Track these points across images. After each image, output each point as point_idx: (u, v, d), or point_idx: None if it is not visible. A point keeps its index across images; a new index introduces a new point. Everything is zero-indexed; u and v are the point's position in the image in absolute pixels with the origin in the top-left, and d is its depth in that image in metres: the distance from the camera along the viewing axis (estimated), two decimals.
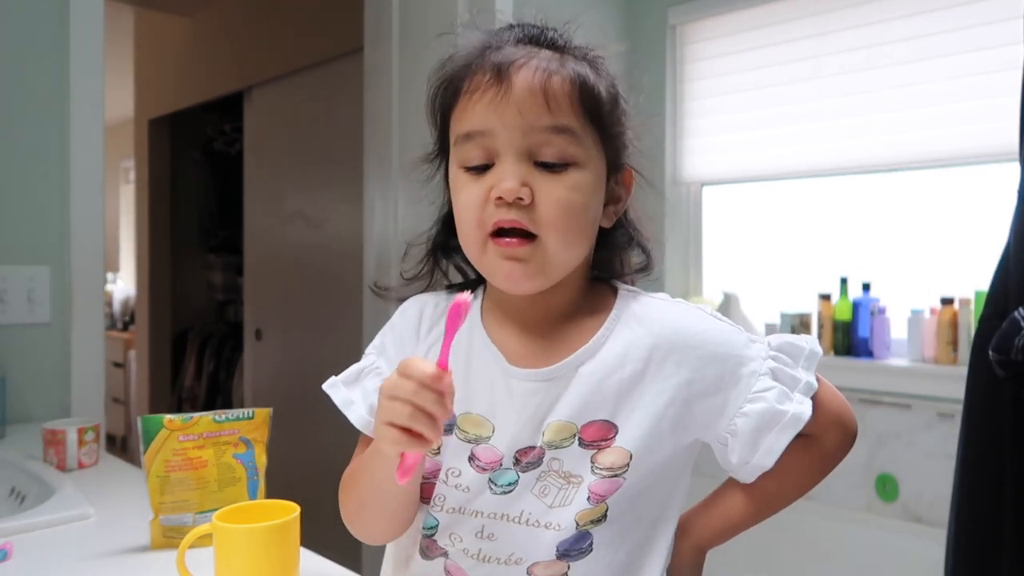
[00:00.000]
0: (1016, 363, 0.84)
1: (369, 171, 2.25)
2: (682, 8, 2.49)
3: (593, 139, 0.69)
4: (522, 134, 0.66)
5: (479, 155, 0.68)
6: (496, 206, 0.66)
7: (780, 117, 2.33)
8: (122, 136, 4.89)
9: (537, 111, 0.65)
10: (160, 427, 0.93)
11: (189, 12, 3.72)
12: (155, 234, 4.17)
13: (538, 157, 0.66)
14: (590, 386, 0.69)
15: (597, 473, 0.68)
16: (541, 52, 0.68)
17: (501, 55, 0.67)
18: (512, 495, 0.69)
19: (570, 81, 0.67)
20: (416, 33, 2.01)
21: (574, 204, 0.67)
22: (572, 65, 0.68)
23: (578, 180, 0.67)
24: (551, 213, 0.66)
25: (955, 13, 2.00)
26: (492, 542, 0.70)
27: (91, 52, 1.68)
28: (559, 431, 0.69)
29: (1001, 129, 1.89)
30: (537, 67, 0.66)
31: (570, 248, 0.68)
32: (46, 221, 1.63)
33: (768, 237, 2.46)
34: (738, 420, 0.69)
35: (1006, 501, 0.88)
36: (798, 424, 0.69)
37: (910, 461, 2.03)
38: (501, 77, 0.66)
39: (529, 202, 0.65)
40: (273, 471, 1.00)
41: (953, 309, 1.97)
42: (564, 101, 0.66)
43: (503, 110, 0.65)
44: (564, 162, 0.67)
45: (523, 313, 0.73)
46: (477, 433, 0.71)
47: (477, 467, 0.71)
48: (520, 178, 0.65)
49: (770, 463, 0.70)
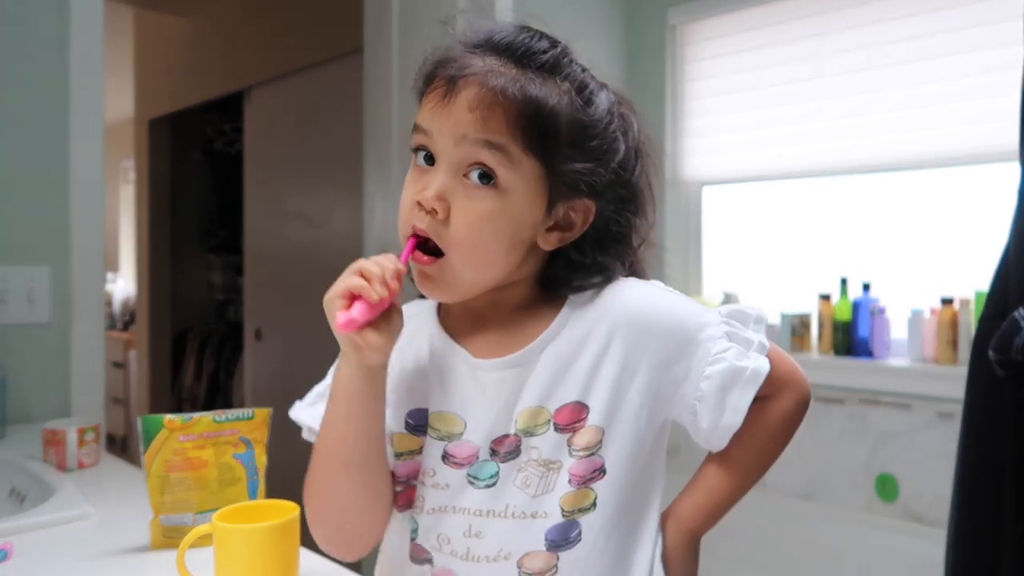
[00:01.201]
0: (1016, 363, 0.84)
1: (369, 171, 2.25)
2: (682, 8, 2.49)
3: (532, 168, 0.68)
4: (453, 142, 0.67)
5: (423, 147, 0.70)
6: (419, 211, 0.68)
7: (780, 117, 2.33)
8: (122, 136, 4.89)
9: (471, 123, 0.66)
10: (160, 427, 0.93)
11: (189, 12, 3.72)
12: (155, 234, 4.18)
13: (465, 171, 0.67)
14: (556, 368, 0.70)
15: (575, 455, 0.69)
16: (505, 68, 0.68)
17: (461, 64, 0.68)
18: (495, 489, 0.70)
19: (519, 103, 0.66)
20: (416, 33, 2.01)
21: (483, 231, 0.67)
22: (533, 89, 0.67)
23: (497, 208, 0.67)
24: (458, 234, 0.67)
25: (955, 13, 2.00)
26: (480, 540, 0.70)
27: (91, 52, 1.68)
28: (532, 417, 0.70)
29: (1001, 129, 1.89)
30: (488, 84, 0.66)
31: (476, 270, 0.69)
32: (46, 221, 1.63)
33: (768, 237, 2.46)
34: (703, 384, 0.71)
35: (1006, 501, 0.88)
36: (758, 378, 0.71)
37: (910, 461, 2.03)
38: (450, 87, 0.67)
39: (444, 217, 0.67)
40: (273, 471, 1.00)
41: (953, 309, 1.97)
42: (501, 122, 0.66)
43: (443, 116, 0.67)
44: (490, 180, 0.67)
45: (479, 311, 0.74)
46: (449, 431, 0.72)
47: (452, 464, 0.71)
48: (441, 190, 0.67)
49: (739, 421, 0.71)
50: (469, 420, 0.72)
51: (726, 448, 0.75)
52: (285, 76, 3.22)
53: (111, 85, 2.07)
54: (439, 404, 0.73)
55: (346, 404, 0.69)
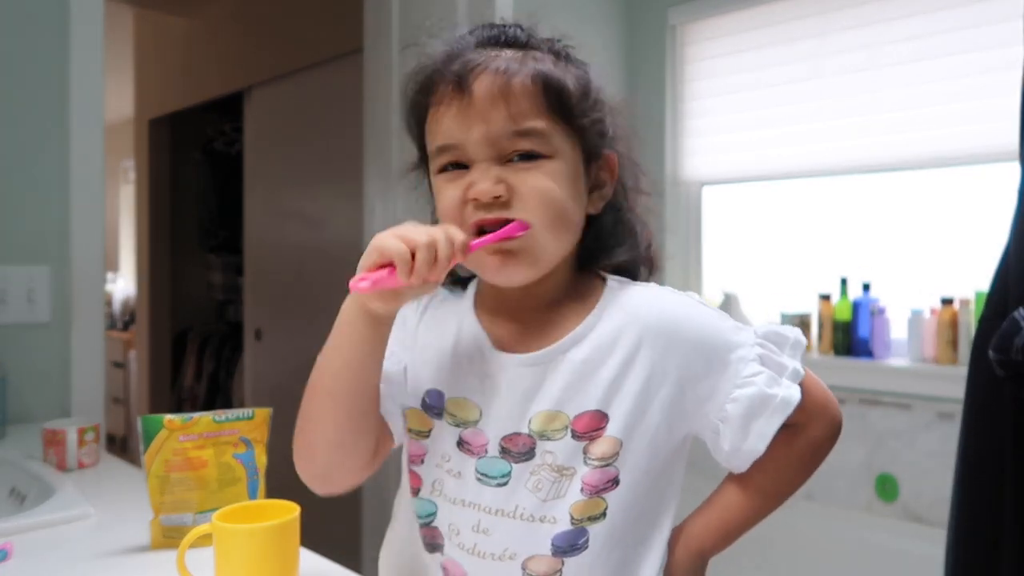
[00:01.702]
0: (1016, 363, 0.84)
1: (369, 171, 2.25)
2: (682, 8, 2.49)
3: (562, 133, 0.69)
4: (489, 143, 0.67)
5: (454, 163, 0.69)
6: (475, 208, 0.67)
7: (780, 117, 2.33)
8: (122, 136, 4.88)
9: (502, 117, 0.66)
10: (160, 427, 0.93)
11: (189, 12, 3.72)
12: (155, 234, 4.17)
13: (510, 156, 0.67)
14: (577, 374, 0.69)
15: (589, 464, 0.68)
16: (502, 53, 0.69)
17: (460, 63, 0.68)
18: (507, 489, 0.70)
19: (531, 80, 0.67)
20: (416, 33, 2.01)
21: (551, 191, 0.67)
22: (533, 63, 0.69)
23: (551, 169, 0.68)
24: (532, 201, 0.67)
25: (955, 13, 2.00)
26: (487, 537, 0.70)
27: (91, 52, 1.68)
28: (548, 421, 0.69)
29: (1001, 129, 1.89)
30: (496, 71, 0.67)
31: (557, 234, 0.69)
32: (46, 221, 1.63)
33: (768, 237, 2.46)
34: (728, 406, 0.69)
35: (1006, 501, 0.88)
36: (787, 408, 0.69)
37: (910, 461, 2.03)
38: (462, 87, 0.67)
39: (508, 197, 0.66)
40: (273, 471, 1.00)
41: (953, 309, 1.97)
42: (525, 103, 0.67)
43: (469, 123, 0.67)
44: (537, 155, 0.68)
45: (512, 302, 0.73)
46: (464, 417, 0.72)
47: (466, 451, 0.71)
48: (494, 177, 0.66)
49: (762, 448, 0.70)
50: (484, 409, 0.71)
51: (748, 471, 0.73)
52: (285, 76, 3.22)
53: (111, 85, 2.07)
54: (456, 390, 0.73)
55: (345, 339, 0.69)
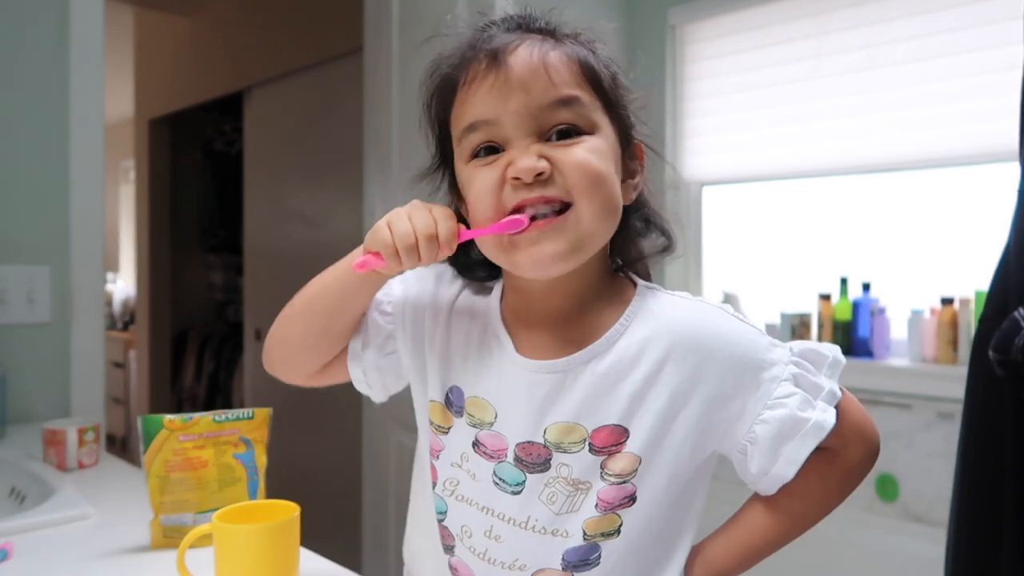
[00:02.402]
0: (1016, 363, 0.84)
1: (369, 171, 2.25)
2: (682, 8, 2.49)
3: (600, 109, 0.67)
4: (529, 115, 0.64)
5: (487, 143, 0.66)
6: (514, 188, 0.63)
7: (780, 117, 2.33)
8: (122, 136, 4.89)
9: (541, 87, 0.64)
10: (160, 427, 0.93)
11: (189, 12, 3.72)
12: (155, 234, 4.17)
13: (549, 133, 0.64)
14: (599, 387, 0.67)
15: (606, 480, 0.66)
16: (532, 36, 0.67)
17: (494, 43, 0.65)
18: (521, 498, 0.68)
19: (568, 56, 0.66)
20: (416, 33, 2.01)
21: (596, 166, 0.64)
22: (568, 43, 0.68)
23: (594, 145, 0.65)
24: (576, 176, 0.63)
25: (955, 13, 2.00)
26: (498, 544, 0.68)
27: (91, 52, 1.68)
28: (565, 433, 0.67)
29: (1001, 129, 1.89)
30: (532, 46, 0.65)
31: (602, 214, 0.65)
32: (46, 221, 1.63)
33: (768, 237, 2.46)
34: (757, 427, 0.66)
35: (1006, 501, 0.88)
36: (820, 433, 0.66)
37: (910, 461, 2.03)
38: (498, 61, 0.64)
39: (549, 174, 0.63)
40: (273, 471, 1.00)
41: (953, 309, 1.97)
42: (565, 73, 0.65)
43: (507, 94, 0.64)
44: (577, 131, 0.65)
45: (541, 303, 0.71)
46: (481, 418, 0.70)
47: (483, 453, 0.70)
48: (535, 153, 0.63)
49: (791, 473, 0.67)
50: (500, 411, 0.70)
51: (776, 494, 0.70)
52: (285, 76, 3.22)
53: (111, 85, 2.07)
54: (475, 388, 0.71)
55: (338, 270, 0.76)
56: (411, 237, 0.64)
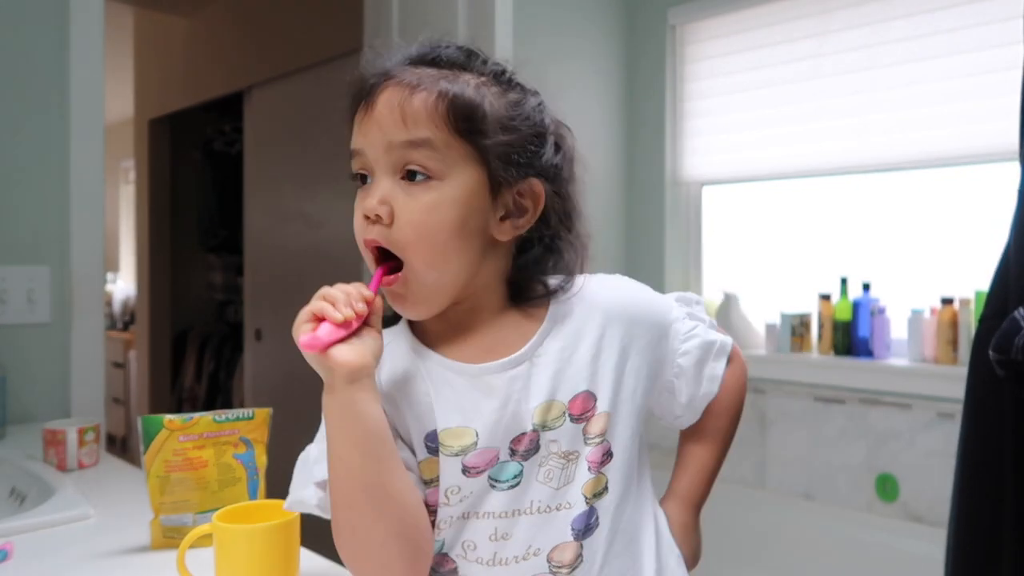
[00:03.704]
0: (1016, 363, 0.84)
1: None
2: (682, 8, 2.49)
3: (462, 153, 0.68)
4: (384, 151, 0.68)
5: (360, 171, 0.71)
6: (367, 224, 0.69)
7: (780, 117, 2.33)
8: (122, 136, 4.89)
9: (392, 127, 0.67)
10: (160, 427, 0.93)
11: (189, 12, 3.72)
12: (155, 234, 4.17)
13: (402, 172, 0.68)
14: (559, 360, 0.72)
15: (590, 443, 0.71)
16: (419, 70, 0.69)
17: (374, 78, 0.70)
18: (519, 488, 0.70)
19: (436, 96, 0.67)
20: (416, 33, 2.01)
21: (429, 223, 0.67)
22: (446, 82, 0.68)
23: (437, 197, 0.67)
24: (406, 231, 0.67)
25: (955, 13, 2.00)
26: (507, 542, 0.69)
27: (91, 52, 1.68)
28: (547, 411, 0.70)
29: (1001, 129, 1.89)
30: (402, 83, 0.68)
31: (435, 267, 0.68)
32: (46, 221, 1.63)
33: (768, 237, 2.46)
34: (680, 360, 0.78)
35: (1006, 501, 0.88)
36: (727, 348, 0.81)
37: (910, 461, 2.03)
38: (369, 98, 0.69)
39: (389, 222, 0.67)
40: (273, 471, 1.00)
41: (953, 309, 1.97)
42: (422, 115, 0.67)
43: (368, 129, 0.68)
44: (426, 176, 0.67)
45: (456, 321, 0.73)
46: (462, 445, 0.70)
47: (474, 473, 0.70)
48: (381, 195, 0.68)
49: (716, 389, 0.80)
50: (479, 428, 0.70)
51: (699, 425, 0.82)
52: (285, 76, 3.22)
53: (111, 85, 2.07)
54: (445, 421, 0.70)
55: (344, 430, 0.65)
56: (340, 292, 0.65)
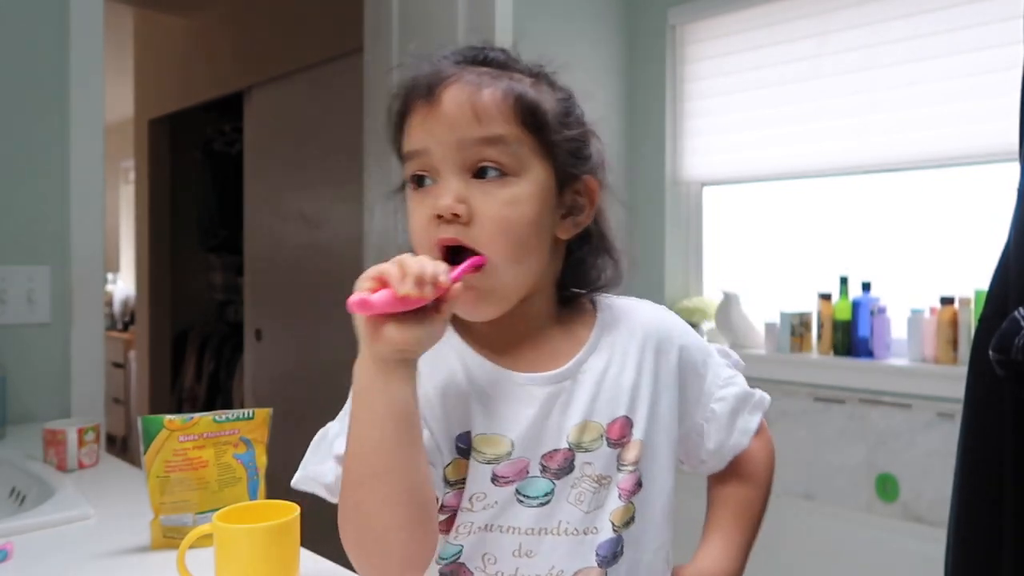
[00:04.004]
0: (1016, 363, 0.84)
1: (369, 171, 2.25)
2: (682, 8, 2.49)
3: (533, 149, 0.68)
4: (455, 149, 0.66)
5: (421, 172, 0.69)
6: (437, 224, 0.66)
7: (780, 117, 2.33)
8: (122, 136, 4.88)
9: (466, 124, 0.66)
10: (160, 427, 0.93)
11: (189, 12, 3.72)
12: (155, 234, 4.17)
13: (474, 170, 0.67)
14: (600, 382, 0.72)
15: (623, 470, 0.71)
16: (476, 69, 0.69)
17: (433, 76, 0.68)
18: (549, 507, 0.69)
19: (501, 92, 0.67)
20: (416, 33, 2.01)
21: (511, 219, 0.66)
22: (507, 80, 0.69)
23: (515, 193, 0.67)
24: (488, 230, 0.66)
25: (955, 13, 2.00)
26: (531, 559, 0.69)
27: (91, 52, 1.68)
28: (584, 432, 0.70)
29: (1001, 129, 1.88)
30: (467, 82, 0.67)
31: (518, 263, 0.67)
32: (46, 221, 1.63)
33: (768, 237, 2.46)
34: (714, 405, 0.77)
35: (1006, 501, 0.88)
36: (764, 404, 0.79)
37: (910, 461, 2.03)
38: (431, 95, 0.67)
39: (467, 219, 0.66)
40: (273, 471, 1.00)
41: (953, 309, 1.97)
42: (494, 111, 0.66)
43: (433, 127, 0.66)
44: (500, 172, 0.67)
45: (504, 330, 0.72)
46: (496, 453, 0.69)
47: (503, 483, 0.69)
48: (456, 194, 0.66)
49: (746, 442, 0.78)
50: (516, 438, 0.69)
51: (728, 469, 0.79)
52: (285, 76, 3.22)
53: (111, 85, 2.07)
54: (483, 426, 0.70)
55: (370, 407, 0.62)
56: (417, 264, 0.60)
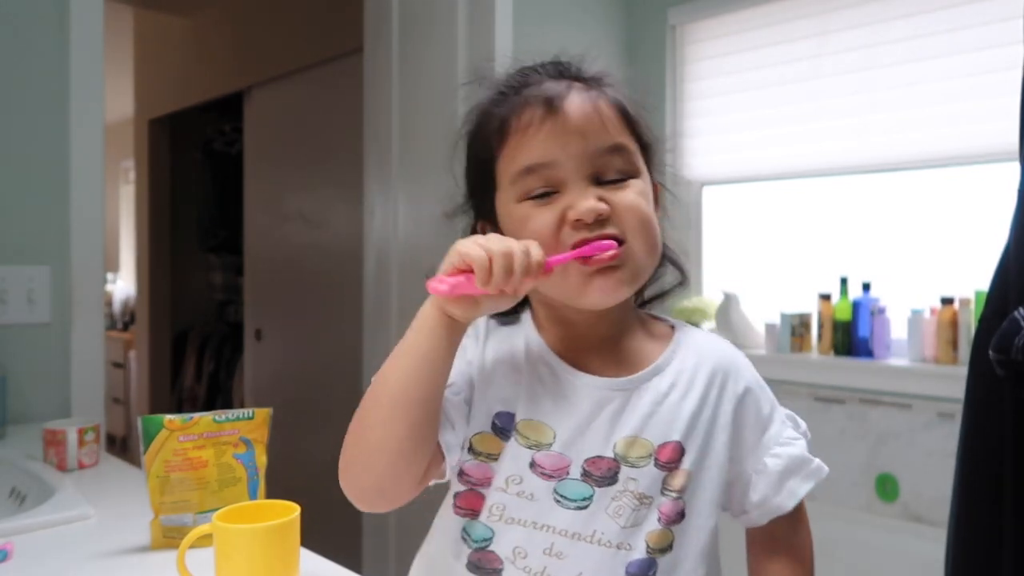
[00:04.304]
0: (1016, 363, 0.84)
1: (369, 171, 2.25)
2: (682, 8, 2.49)
3: (639, 153, 0.73)
4: (587, 159, 0.69)
5: (543, 186, 0.70)
6: (574, 228, 0.68)
7: (780, 117, 2.33)
8: (122, 136, 4.88)
9: (596, 133, 0.69)
10: (160, 427, 0.93)
11: (189, 12, 3.72)
12: (155, 234, 4.18)
13: (603, 177, 0.70)
14: (661, 404, 0.72)
15: (667, 495, 0.71)
16: (574, 83, 0.73)
17: (545, 90, 0.71)
18: (587, 512, 0.70)
19: (614, 104, 0.72)
20: (416, 33, 2.01)
21: (645, 209, 0.71)
22: (613, 91, 0.73)
23: (640, 188, 0.72)
24: (630, 218, 0.69)
25: (955, 13, 2.00)
26: (560, 561, 0.69)
27: (91, 52, 1.68)
28: (633, 447, 0.70)
29: (1001, 129, 1.89)
30: (583, 95, 0.71)
31: (652, 252, 0.72)
32: (46, 221, 1.63)
33: (768, 237, 2.46)
34: (768, 460, 0.75)
35: (1006, 501, 0.88)
36: (821, 474, 0.77)
37: (910, 461, 2.03)
38: (555, 108, 0.69)
39: (607, 216, 0.69)
40: (273, 471, 1.00)
41: (953, 309, 1.97)
42: (615, 121, 0.71)
43: (565, 140, 0.69)
44: (624, 176, 0.71)
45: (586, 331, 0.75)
46: (538, 439, 0.71)
47: (541, 474, 0.70)
48: (595, 196, 0.69)
49: (790, 505, 0.76)
50: (559, 431, 0.71)
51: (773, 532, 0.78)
52: (285, 76, 3.22)
53: (111, 85, 2.07)
54: (529, 412, 0.72)
55: (420, 343, 0.66)
56: (510, 255, 0.62)
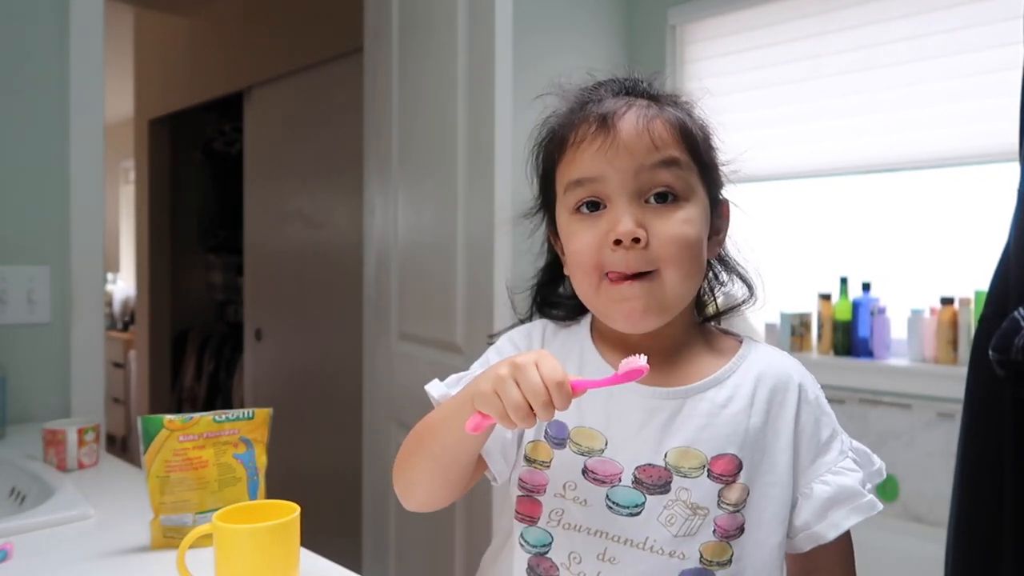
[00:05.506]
0: (1016, 363, 0.84)
1: (369, 171, 2.25)
2: (682, 8, 2.49)
3: (695, 173, 0.73)
4: (633, 175, 0.70)
5: (590, 200, 0.71)
6: (612, 251, 0.69)
7: (780, 117, 2.33)
8: (122, 136, 4.88)
9: (644, 150, 0.70)
10: (160, 427, 0.93)
11: (189, 12, 3.72)
12: (155, 234, 4.17)
13: (648, 195, 0.70)
14: (717, 416, 0.72)
15: (723, 508, 0.70)
16: (638, 100, 0.73)
17: (603, 107, 0.72)
18: (639, 519, 0.70)
19: (670, 121, 0.72)
20: (416, 33, 2.01)
21: (687, 237, 0.70)
22: (669, 109, 0.73)
23: (688, 213, 0.71)
24: (667, 249, 0.69)
25: (955, 13, 2.00)
26: (612, 566, 0.70)
27: (91, 52, 1.68)
28: (685, 458, 0.71)
29: (1001, 129, 1.89)
30: (638, 113, 0.71)
31: (687, 280, 0.72)
32: (46, 221, 1.63)
33: (768, 237, 2.45)
34: (817, 485, 0.73)
35: (1006, 501, 0.88)
36: (871, 511, 0.73)
37: (910, 461, 2.03)
38: (607, 126, 0.70)
39: (645, 242, 0.69)
40: (273, 471, 1.00)
41: (953, 309, 1.97)
42: (667, 137, 0.71)
43: (612, 155, 0.70)
44: (674, 196, 0.71)
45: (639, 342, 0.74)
46: (590, 446, 0.72)
47: (593, 479, 0.71)
48: (635, 219, 0.69)
49: (831, 536, 0.73)
50: (610, 438, 0.72)
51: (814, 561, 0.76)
52: (285, 76, 3.22)
53: (111, 85, 2.07)
54: (580, 420, 0.73)
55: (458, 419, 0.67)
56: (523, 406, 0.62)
